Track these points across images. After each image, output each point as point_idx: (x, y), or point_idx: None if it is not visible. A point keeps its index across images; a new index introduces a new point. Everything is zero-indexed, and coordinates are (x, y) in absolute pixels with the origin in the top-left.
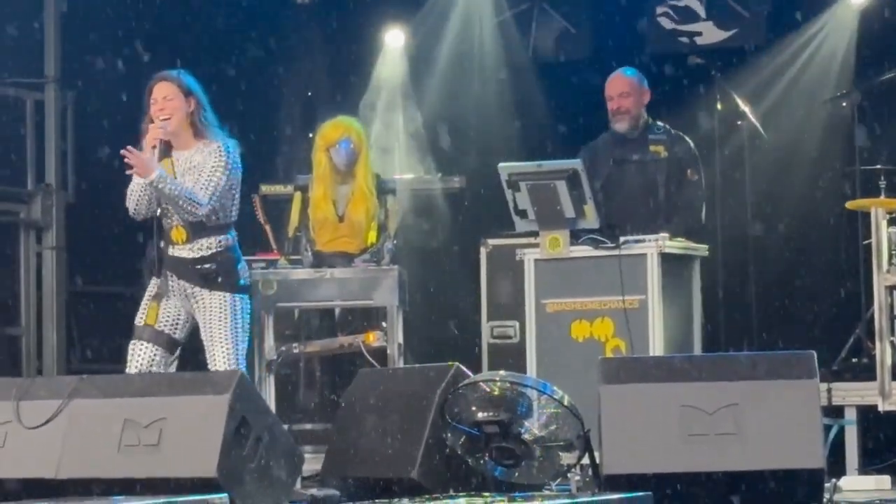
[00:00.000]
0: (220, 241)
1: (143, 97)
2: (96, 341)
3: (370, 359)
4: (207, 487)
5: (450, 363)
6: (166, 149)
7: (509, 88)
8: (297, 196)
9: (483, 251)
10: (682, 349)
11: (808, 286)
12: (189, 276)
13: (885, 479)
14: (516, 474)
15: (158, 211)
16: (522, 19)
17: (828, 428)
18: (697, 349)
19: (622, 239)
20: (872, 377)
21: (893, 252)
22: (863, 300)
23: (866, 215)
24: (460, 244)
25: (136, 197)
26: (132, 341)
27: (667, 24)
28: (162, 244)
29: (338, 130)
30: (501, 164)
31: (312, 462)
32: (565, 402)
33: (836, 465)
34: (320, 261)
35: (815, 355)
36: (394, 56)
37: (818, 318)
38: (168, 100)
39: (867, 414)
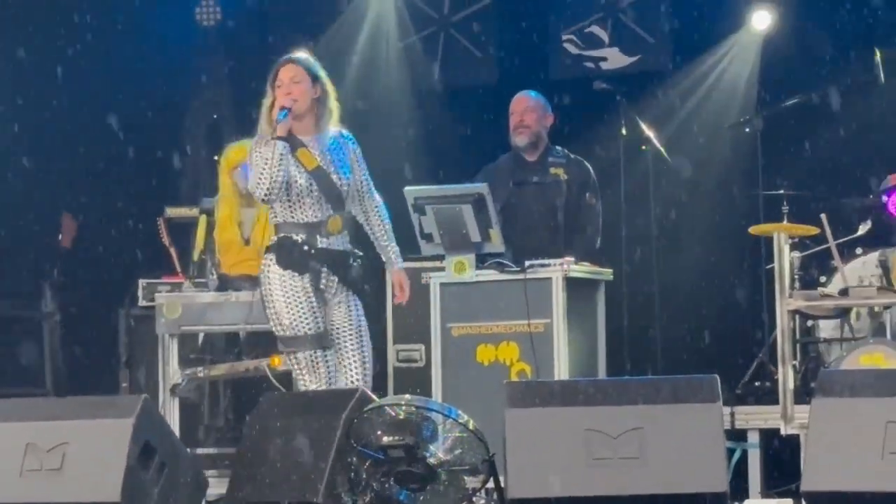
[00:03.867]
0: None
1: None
2: None
3: (275, 382)
4: None
5: (355, 387)
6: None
7: (415, 112)
8: (203, 219)
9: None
10: (587, 373)
11: (711, 310)
12: (343, 270)
13: (787, 503)
14: (421, 498)
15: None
16: (429, 43)
17: (731, 451)
18: (602, 373)
19: (527, 263)
20: (775, 401)
21: (796, 277)
22: (766, 324)
23: (769, 240)
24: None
25: (270, 166)
26: (317, 351)
27: (572, 49)
28: (302, 237)
29: (240, 153)
30: (407, 188)
31: (217, 486)
32: (470, 427)
33: (739, 489)
34: (226, 284)
35: (719, 379)
36: None
37: (721, 342)
38: (295, 82)
39: (770, 437)
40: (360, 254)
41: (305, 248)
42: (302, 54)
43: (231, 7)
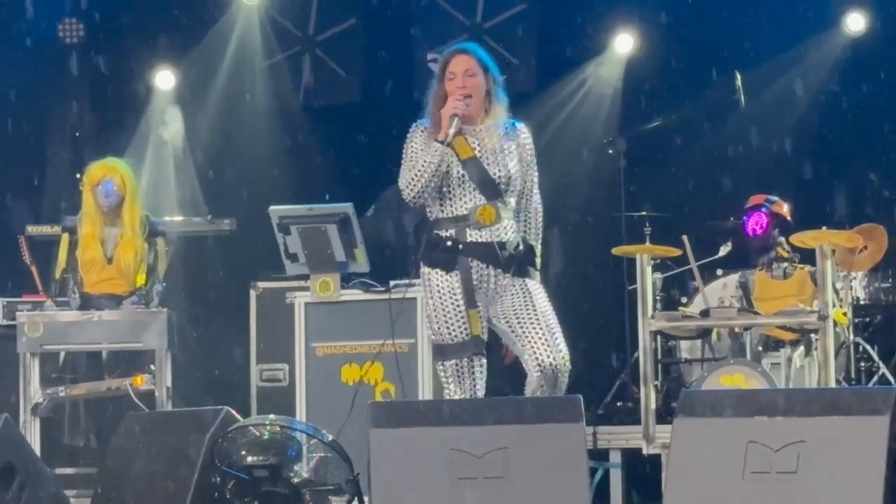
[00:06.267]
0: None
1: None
2: None
3: (138, 402)
4: None
5: (219, 407)
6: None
7: (281, 131)
8: (65, 237)
9: (252, 294)
10: None
11: (573, 330)
12: (496, 260)
13: None
14: None
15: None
16: (294, 63)
17: (593, 471)
18: None
19: (392, 283)
20: (637, 421)
21: (658, 297)
22: (628, 344)
23: (631, 261)
24: (230, 287)
25: (430, 173)
26: (464, 360)
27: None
28: (451, 232)
29: (101, 171)
30: (272, 207)
31: None
32: (335, 446)
33: None
34: (88, 303)
35: (582, 399)
36: (164, 97)
37: (584, 362)
38: (470, 75)
39: (632, 457)
40: (518, 240)
41: (450, 243)
42: (471, 44)
43: (94, 25)
